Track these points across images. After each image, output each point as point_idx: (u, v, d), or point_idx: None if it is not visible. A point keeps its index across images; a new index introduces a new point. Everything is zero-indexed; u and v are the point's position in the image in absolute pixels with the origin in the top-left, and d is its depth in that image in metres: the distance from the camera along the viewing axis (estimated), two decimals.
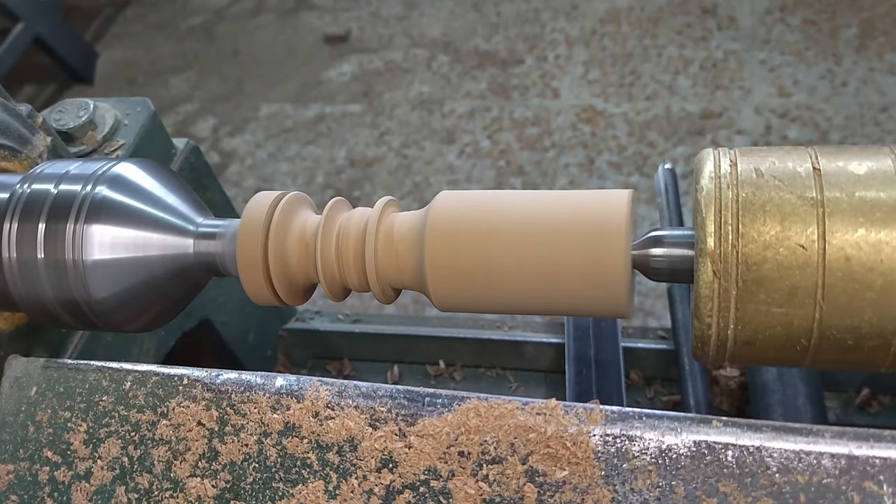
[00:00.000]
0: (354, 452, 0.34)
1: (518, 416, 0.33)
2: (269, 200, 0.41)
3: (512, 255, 0.37)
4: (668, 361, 0.70)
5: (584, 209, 0.37)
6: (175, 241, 0.41)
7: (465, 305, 0.39)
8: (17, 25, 2.52)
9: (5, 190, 0.42)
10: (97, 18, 3.09)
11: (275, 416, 0.36)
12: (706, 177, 0.33)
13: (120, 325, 0.42)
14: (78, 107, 0.56)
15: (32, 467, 0.39)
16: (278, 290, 0.41)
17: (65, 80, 2.80)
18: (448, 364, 0.77)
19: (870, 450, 0.30)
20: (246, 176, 2.26)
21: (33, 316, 0.43)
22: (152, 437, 0.37)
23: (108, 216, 0.40)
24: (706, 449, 0.31)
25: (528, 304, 0.38)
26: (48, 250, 0.40)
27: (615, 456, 0.32)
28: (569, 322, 0.64)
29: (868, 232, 0.30)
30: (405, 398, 0.35)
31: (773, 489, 0.30)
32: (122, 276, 0.40)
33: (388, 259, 0.39)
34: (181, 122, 2.49)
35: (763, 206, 0.32)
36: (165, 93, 2.62)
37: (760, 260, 0.31)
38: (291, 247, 0.40)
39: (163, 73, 2.74)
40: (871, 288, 0.30)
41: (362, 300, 1.64)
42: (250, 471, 0.36)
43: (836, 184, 0.31)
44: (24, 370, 0.41)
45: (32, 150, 0.47)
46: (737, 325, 0.32)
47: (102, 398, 0.39)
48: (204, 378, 0.38)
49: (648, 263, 0.36)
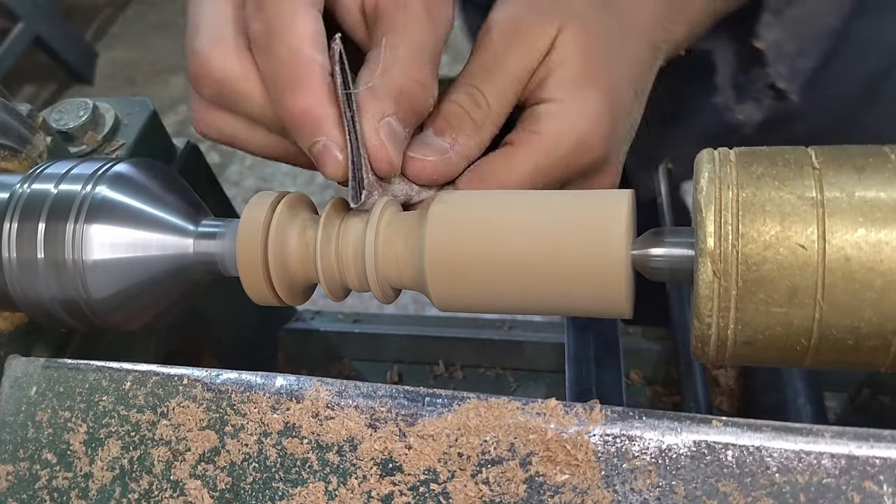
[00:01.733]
0: (354, 453, 0.35)
1: (518, 416, 0.33)
2: (269, 200, 0.41)
3: (512, 255, 0.37)
4: (668, 361, 0.70)
5: (583, 209, 0.37)
6: (175, 241, 0.41)
7: (465, 305, 0.39)
8: (17, 25, 2.52)
9: (5, 190, 0.42)
10: (97, 18, 3.09)
11: (275, 416, 0.36)
12: (706, 177, 0.33)
13: (120, 325, 0.43)
14: (78, 107, 0.56)
15: (32, 468, 0.39)
16: (278, 290, 0.41)
17: (65, 80, 2.79)
18: (448, 364, 0.77)
19: (870, 450, 0.30)
20: (246, 176, 2.26)
21: (33, 316, 0.43)
22: (152, 438, 0.37)
23: (108, 216, 0.40)
24: (706, 449, 0.31)
25: (528, 303, 0.38)
26: (48, 250, 0.40)
27: (615, 456, 0.32)
28: (569, 322, 0.64)
29: (868, 232, 0.30)
30: (405, 398, 0.35)
31: (773, 489, 0.30)
32: (121, 275, 0.40)
33: (388, 259, 0.39)
34: (181, 122, 2.49)
35: (763, 206, 0.32)
36: (165, 93, 2.62)
37: (760, 260, 0.31)
38: (291, 247, 0.40)
39: (163, 73, 2.74)
40: (871, 288, 0.30)
41: (362, 300, 1.64)
42: (250, 471, 0.36)
43: (836, 184, 0.31)
44: (24, 370, 0.41)
45: (32, 150, 0.47)
46: (737, 325, 0.32)
47: (102, 398, 0.39)
48: (204, 378, 0.38)
49: (648, 263, 0.36)
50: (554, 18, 0.42)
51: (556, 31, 0.42)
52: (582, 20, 0.42)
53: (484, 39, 0.43)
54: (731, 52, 0.53)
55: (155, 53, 2.81)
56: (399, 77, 0.39)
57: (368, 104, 0.39)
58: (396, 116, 0.39)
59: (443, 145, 0.41)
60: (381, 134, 0.38)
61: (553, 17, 0.42)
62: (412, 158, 0.40)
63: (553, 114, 0.42)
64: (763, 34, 0.50)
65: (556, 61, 0.42)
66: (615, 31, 0.44)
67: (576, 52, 0.42)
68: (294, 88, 0.38)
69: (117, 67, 2.80)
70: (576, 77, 0.42)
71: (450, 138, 0.41)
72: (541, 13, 0.42)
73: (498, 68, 0.42)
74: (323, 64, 0.38)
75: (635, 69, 0.45)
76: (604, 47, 0.43)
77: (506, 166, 0.41)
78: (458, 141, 0.41)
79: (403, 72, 0.39)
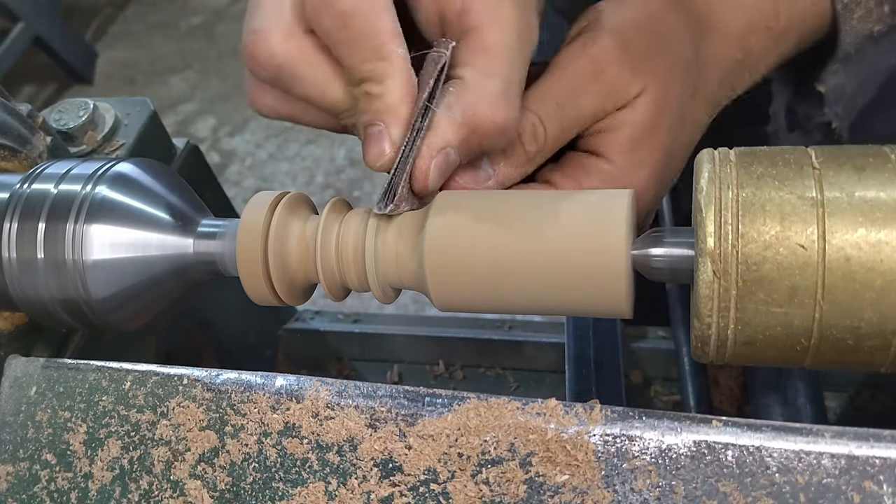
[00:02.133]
0: (354, 453, 0.35)
1: (518, 416, 0.33)
2: (270, 200, 0.41)
3: (512, 255, 0.37)
4: (668, 361, 0.70)
5: (584, 209, 0.37)
6: (175, 241, 0.41)
7: (465, 305, 0.39)
8: (17, 25, 2.52)
9: (5, 190, 0.42)
10: (97, 18, 3.09)
11: (275, 416, 0.36)
12: (705, 177, 0.33)
13: (120, 325, 0.43)
14: (78, 107, 0.56)
15: (32, 468, 0.39)
16: (278, 290, 0.41)
17: (65, 80, 2.79)
18: (448, 364, 0.77)
19: (870, 450, 0.30)
20: (246, 176, 2.26)
21: (33, 316, 0.43)
22: (152, 438, 0.37)
23: (108, 216, 0.40)
24: (706, 449, 0.31)
25: (528, 303, 0.38)
26: (48, 250, 0.40)
27: (615, 456, 0.32)
28: (569, 322, 0.64)
29: (868, 232, 0.30)
30: (405, 398, 0.35)
31: (773, 489, 0.30)
32: (121, 276, 0.40)
33: (388, 259, 0.39)
34: (181, 122, 2.49)
35: (763, 206, 0.32)
36: (165, 93, 2.62)
37: (760, 260, 0.31)
38: (291, 246, 0.40)
39: (163, 73, 2.74)
40: (871, 288, 0.30)
41: (362, 300, 1.64)
42: (250, 471, 0.36)
43: (836, 184, 0.31)
44: (24, 370, 0.41)
45: (32, 149, 0.47)
46: (737, 325, 0.32)
47: (102, 398, 0.39)
48: (204, 378, 0.38)
49: (648, 263, 0.36)
50: (642, 77, 0.40)
51: (640, 91, 0.40)
52: (663, 85, 0.41)
53: (564, 70, 0.41)
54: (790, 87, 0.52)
55: (155, 53, 2.81)
56: (484, 115, 0.37)
57: (439, 128, 0.37)
58: (459, 149, 0.38)
59: (487, 173, 0.40)
60: (434, 161, 0.37)
61: (642, 78, 0.40)
62: (454, 182, 0.40)
63: (602, 174, 0.40)
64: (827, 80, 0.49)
65: (626, 120, 0.40)
66: (687, 97, 0.43)
67: (647, 118, 0.40)
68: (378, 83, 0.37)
69: (117, 67, 2.80)
70: (636, 143, 0.40)
71: (497, 166, 0.40)
72: (632, 70, 0.40)
73: (569, 106, 0.40)
74: (405, 56, 0.37)
75: (694, 135, 0.44)
76: (673, 115, 0.41)
77: None
78: (503, 171, 0.40)
79: (489, 113, 0.37)
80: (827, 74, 0.49)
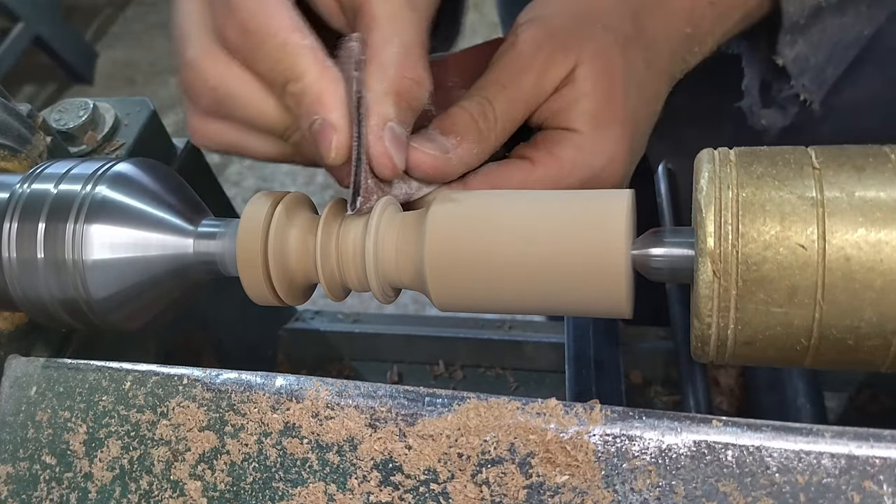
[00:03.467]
0: (354, 453, 0.35)
1: (518, 416, 0.33)
2: (269, 200, 0.41)
3: (512, 255, 0.37)
4: (668, 361, 0.70)
5: (583, 209, 0.37)
6: (175, 241, 0.41)
7: (465, 305, 0.39)
8: (17, 25, 2.52)
9: (5, 190, 0.42)
10: (97, 18, 3.09)
11: (275, 416, 0.36)
12: (705, 177, 0.33)
13: (120, 325, 0.43)
14: (78, 107, 0.56)
15: (32, 468, 0.39)
16: (278, 290, 0.41)
17: (65, 80, 2.79)
18: (448, 364, 0.77)
19: (870, 450, 0.30)
20: (246, 176, 2.26)
21: (33, 316, 0.43)
22: (152, 438, 0.37)
23: (108, 216, 0.40)
24: (706, 449, 0.31)
25: (528, 303, 0.38)
26: (48, 250, 0.40)
27: (615, 456, 0.32)
28: (569, 322, 0.64)
29: (868, 232, 0.30)
30: (405, 398, 0.35)
31: (773, 489, 0.30)
32: (121, 275, 0.40)
33: (388, 259, 0.39)
34: (181, 122, 2.49)
35: (763, 206, 0.32)
36: (165, 93, 2.62)
37: (760, 260, 0.31)
38: (291, 246, 0.40)
39: (163, 73, 2.74)
40: (871, 288, 0.30)
41: (362, 300, 1.64)
42: (250, 471, 0.36)
43: (836, 183, 0.32)
44: (24, 370, 0.41)
45: (32, 149, 0.47)
46: (737, 325, 0.32)
47: (102, 398, 0.39)
48: (204, 378, 0.38)
49: (648, 263, 0.36)
50: (572, 52, 0.43)
51: (574, 64, 0.43)
52: (604, 57, 0.43)
53: (504, 55, 0.44)
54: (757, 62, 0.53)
55: (155, 53, 2.81)
56: (396, 78, 0.39)
57: (371, 109, 0.39)
58: (398, 118, 0.39)
59: (445, 144, 0.41)
60: (386, 140, 0.39)
61: (572, 51, 0.43)
62: (414, 149, 0.40)
63: (574, 143, 0.42)
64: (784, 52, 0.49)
65: (576, 94, 0.43)
66: (639, 69, 0.45)
67: (597, 90, 0.42)
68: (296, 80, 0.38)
69: (117, 67, 2.80)
70: (598, 113, 0.42)
71: (454, 140, 0.41)
72: (561, 44, 0.43)
73: (511, 87, 0.42)
74: (313, 45, 0.39)
75: (654, 106, 0.47)
76: (626, 86, 0.43)
77: (521, 180, 0.42)
78: (462, 145, 0.41)
79: (400, 73, 0.39)
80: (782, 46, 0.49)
